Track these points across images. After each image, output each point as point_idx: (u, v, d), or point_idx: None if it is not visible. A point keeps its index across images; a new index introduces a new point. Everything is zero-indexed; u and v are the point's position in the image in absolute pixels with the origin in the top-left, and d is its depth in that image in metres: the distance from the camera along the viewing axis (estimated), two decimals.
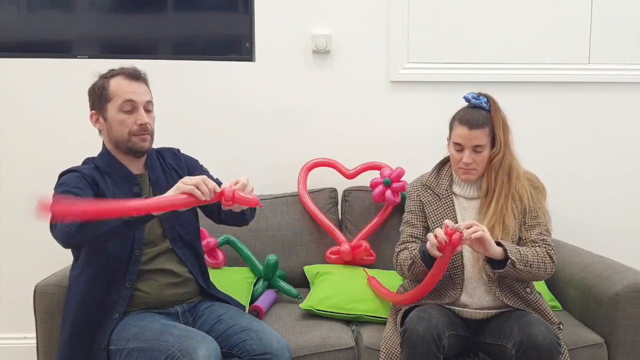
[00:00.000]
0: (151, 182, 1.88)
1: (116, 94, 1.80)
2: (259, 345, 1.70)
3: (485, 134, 1.90)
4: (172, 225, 1.86)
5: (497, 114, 1.92)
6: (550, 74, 2.70)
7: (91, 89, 1.86)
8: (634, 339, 1.99)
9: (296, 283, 2.40)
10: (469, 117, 1.90)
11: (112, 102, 1.80)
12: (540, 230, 1.93)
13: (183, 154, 2.03)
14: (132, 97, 1.80)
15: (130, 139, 1.81)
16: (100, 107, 1.83)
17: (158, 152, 1.98)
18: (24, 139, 2.65)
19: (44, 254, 2.58)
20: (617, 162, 2.77)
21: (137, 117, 1.80)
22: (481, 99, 1.93)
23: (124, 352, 1.67)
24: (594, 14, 2.69)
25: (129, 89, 1.80)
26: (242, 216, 1.88)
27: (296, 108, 2.70)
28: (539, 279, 1.91)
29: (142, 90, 1.84)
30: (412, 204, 2.05)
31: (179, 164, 1.97)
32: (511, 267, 1.78)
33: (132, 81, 1.82)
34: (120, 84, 1.81)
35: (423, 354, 1.71)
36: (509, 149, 1.93)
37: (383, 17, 2.66)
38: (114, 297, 1.75)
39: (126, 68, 1.85)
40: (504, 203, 1.90)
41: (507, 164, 1.92)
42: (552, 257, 1.89)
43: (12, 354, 2.69)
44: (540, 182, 2.01)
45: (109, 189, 1.79)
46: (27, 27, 2.67)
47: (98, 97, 1.83)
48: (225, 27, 2.71)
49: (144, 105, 1.82)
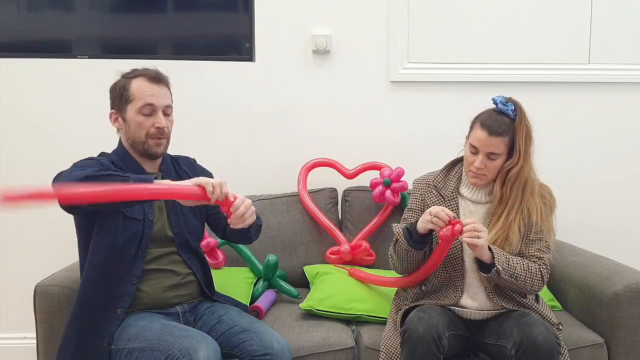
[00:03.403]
0: None
1: (136, 96, 1.81)
2: (259, 346, 1.70)
3: (504, 142, 1.85)
4: (181, 230, 1.86)
5: (521, 124, 1.85)
6: (550, 74, 2.70)
7: (112, 87, 1.87)
8: (634, 339, 1.99)
9: (296, 283, 2.40)
10: (490, 123, 1.85)
11: (132, 103, 1.81)
12: (540, 246, 1.89)
13: (199, 165, 2.05)
14: (152, 101, 1.81)
15: (147, 141, 1.83)
16: (120, 107, 1.84)
17: (174, 158, 1.99)
18: (24, 139, 2.65)
19: (44, 254, 2.59)
20: (617, 162, 2.77)
21: (156, 120, 1.82)
22: (508, 106, 1.86)
23: (124, 351, 1.67)
24: (594, 14, 2.69)
25: (150, 92, 1.81)
26: (246, 234, 1.89)
27: (296, 108, 2.70)
28: (524, 292, 1.88)
29: (163, 93, 1.85)
30: (415, 203, 2.04)
31: (194, 172, 1.98)
32: (495, 274, 1.78)
33: (154, 84, 1.83)
34: (141, 86, 1.82)
35: (423, 354, 1.71)
36: (527, 161, 1.87)
37: (383, 17, 2.66)
38: (119, 291, 1.75)
39: (149, 70, 1.86)
40: (513, 218, 1.86)
41: (524, 177, 1.87)
42: (544, 276, 1.86)
43: (12, 354, 2.69)
44: (551, 198, 1.95)
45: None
46: (27, 27, 2.67)
47: (118, 97, 1.84)
48: (225, 27, 2.71)
49: (163, 109, 1.84)
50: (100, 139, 1.99)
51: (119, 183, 1.54)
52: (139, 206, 1.79)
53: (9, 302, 2.69)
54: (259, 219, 1.93)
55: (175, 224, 1.86)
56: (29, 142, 2.66)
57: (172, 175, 1.93)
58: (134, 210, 1.78)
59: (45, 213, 2.64)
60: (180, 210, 1.88)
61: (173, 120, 1.90)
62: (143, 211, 1.80)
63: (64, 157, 2.60)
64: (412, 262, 1.92)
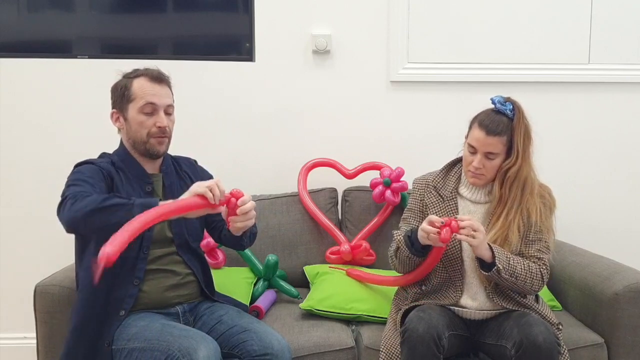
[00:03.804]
0: (165, 186, 1.89)
1: (138, 95, 1.81)
2: (259, 346, 1.70)
3: (501, 142, 1.85)
4: (180, 231, 1.86)
5: (519, 124, 1.85)
6: (550, 74, 2.70)
7: (114, 87, 1.87)
8: (634, 339, 1.99)
9: (296, 283, 2.40)
10: (488, 122, 1.85)
11: (134, 103, 1.81)
12: (540, 247, 1.89)
13: (200, 166, 2.06)
14: (154, 100, 1.81)
15: (148, 141, 1.82)
16: (122, 106, 1.84)
17: (174, 158, 1.99)
18: (24, 139, 2.65)
19: (44, 254, 2.59)
20: (617, 162, 2.77)
21: (157, 119, 1.82)
22: (507, 106, 1.86)
23: (124, 351, 1.67)
24: (594, 14, 2.69)
25: (151, 91, 1.81)
26: (240, 241, 1.90)
27: (296, 108, 2.70)
28: (524, 292, 1.88)
29: (164, 93, 1.85)
30: (414, 203, 2.04)
31: (195, 173, 1.99)
32: (496, 273, 1.78)
33: (155, 84, 1.83)
34: (142, 85, 1.82)
35: (423, 354, 1.71)
36: (526, 161, 1.87)
37: (383, 17, 2.66)
38: (120, 293, 1.75)
39: (150, 70, 1.86)
40: (512, 218, 1.86)
41: (523, 177, 1.87)
42: (544, 276, 1.86)
43: (12, 354, 2.69)
44: (551, 198, 1.96)
45: (122, 184, 1.80)
46: (27, 27, 2.67)
47: (120, 96, 1.84)
48: (225, 27, 2.71)
49: (165, 109, 1.84)
50: (100, 139, 1.99)
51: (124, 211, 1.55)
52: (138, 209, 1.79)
53: (9, 302, 2.69)
54: (254, 226, 1.92)
55: (175, 225, 1.85)
56: (29, 142, 2.66)
57: (173, 175, 1.93)
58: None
59: (45, 213, 2.65)
60: None
61: (174, 120, 1.90)
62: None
63: (64, 157, 2.61)
64: (415, 266, 1.92)
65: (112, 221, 1.54)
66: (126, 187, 1.81)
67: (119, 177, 1.81)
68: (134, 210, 1.54)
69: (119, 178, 1.81)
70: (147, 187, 1.85)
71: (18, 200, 2.67)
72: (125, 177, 1.83)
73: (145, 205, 1.55)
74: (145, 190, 1.84)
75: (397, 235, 1.95)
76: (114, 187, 1.78)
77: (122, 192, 1.77)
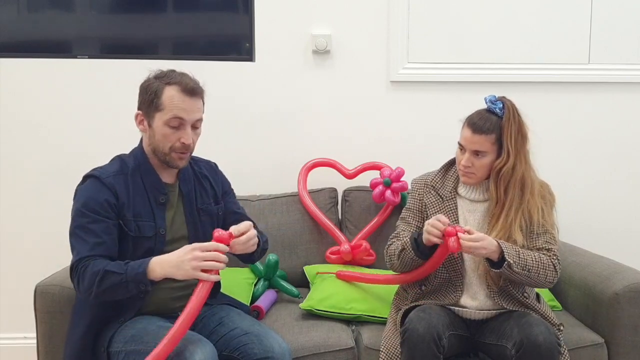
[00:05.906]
0: (182, 194, 1.84)
1: (167, 106, 1.71)
2: (260, 349, 1.69)
3: (489, 140, 1.84)
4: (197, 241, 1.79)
5: (509, 122, 1.84)
6: (550, 74, 2.70)
7: (144, 88, 1.76)
8: (634, 339, 1.99)
9: (296, 283, 2.40)
10: (476, 121, 1.86)
11: (161, 113, 1.72)
12: (547, 238, 1.88)
13: (220, 171, 2.01)
14: (182, 115, 1.72)
15: (170, 154, 1.75)
16: (149, 112, 1.74)
17: (194, 160, 1.91)
18: (24, 139, 2.65)
19: (44, 254, 2.59)
20: (617, 162, 2.77)
21: (182, 135, 1.73)
22: (496, 105, 1.86)
23: (122, 354, 1.67)
24: (594, 14, 2.69)
25: (181, 105, 1.71)
26: (249, 257, 1.85)
27: (296, 108, 2.70)
28: (539, 285, 1.87)
29: (195, 107, 1.75)
30: (413, 203, 2.04)
31: (215, 178, 1.94)
32: (507, 268, 1.76)
33: (187, 96, 1.72)
34: (173, 96, 1.71)
35: (423, 354, 1.71)
36: (521, 159, 1.85)
37: (383, 17, 2.66)
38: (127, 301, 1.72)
39: (185, 79, 1.75)
40: (513, 219, 1.85)
41: (519, 176, 1.85)
42: (556, 267, 1.85)
43: (12, 354, 2.69)
44: (551, 196, 1.95)
45: (130, 198, 1.74)
46: (27, 27, 2.67)
47: (148, 101, 1.73)
48: (225, 27, 2.71)
49: (193, 123, 1.75)
50: (100, 139, 1.99)
51: (122, 290, 1.61)
52: (150, 222, 1.75)
53: (9, 302, 2.69)
54: (266, 242, 1.91)
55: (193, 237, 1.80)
56: (29, 142, 2.65)
57: (191, 182, 1.86)
58: (143, 229, 1.74)
59: (45, 213, 2.65)
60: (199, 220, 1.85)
61: (200, 133, 1.80)
62: (154, 226, 1.75)
63: (64, 157, 2.62)
64: (417, 267, 1.92)
65: (118, 297, 1.65)
66: (134, 200, 1.74)
67: (127, 191, 1.73)
68: (129, 287, 1.61)
69: (127, 192, 1.73)
70: (161, 197, 1.79)
71: (18, 200, 2.67)
72: (137, 186, 1.76)
73: (137, 282, 1.60)
74: (159, 201, 1.78)
75: (404, 238, 1.92)
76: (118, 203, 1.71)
77: (128, 207, 1.72)
